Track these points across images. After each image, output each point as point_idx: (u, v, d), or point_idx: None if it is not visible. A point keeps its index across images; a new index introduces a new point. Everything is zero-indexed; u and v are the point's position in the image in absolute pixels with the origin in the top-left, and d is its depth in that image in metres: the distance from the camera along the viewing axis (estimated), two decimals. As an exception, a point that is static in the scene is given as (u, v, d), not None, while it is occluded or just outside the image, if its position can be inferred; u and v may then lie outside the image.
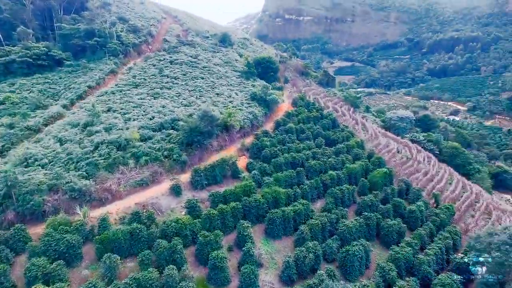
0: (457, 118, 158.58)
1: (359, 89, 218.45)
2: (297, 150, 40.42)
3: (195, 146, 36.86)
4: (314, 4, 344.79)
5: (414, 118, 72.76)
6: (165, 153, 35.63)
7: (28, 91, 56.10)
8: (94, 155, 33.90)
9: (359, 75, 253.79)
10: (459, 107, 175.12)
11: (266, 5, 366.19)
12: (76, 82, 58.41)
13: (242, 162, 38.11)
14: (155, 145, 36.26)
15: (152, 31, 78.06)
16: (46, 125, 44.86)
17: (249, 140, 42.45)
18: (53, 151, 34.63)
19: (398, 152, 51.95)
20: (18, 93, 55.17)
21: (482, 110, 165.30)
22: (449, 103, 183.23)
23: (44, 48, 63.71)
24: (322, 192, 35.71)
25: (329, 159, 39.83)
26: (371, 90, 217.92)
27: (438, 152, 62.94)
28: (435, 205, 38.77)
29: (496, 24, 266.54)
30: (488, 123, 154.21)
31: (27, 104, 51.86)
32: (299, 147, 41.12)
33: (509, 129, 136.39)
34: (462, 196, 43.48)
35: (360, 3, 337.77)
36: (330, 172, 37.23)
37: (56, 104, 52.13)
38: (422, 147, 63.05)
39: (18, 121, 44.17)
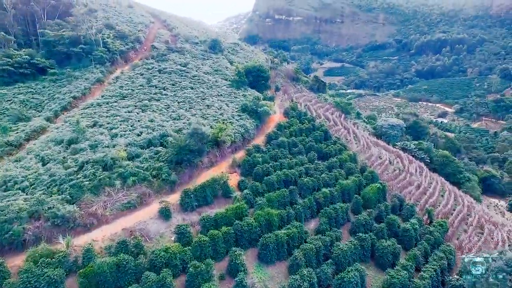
0: (445, 121, 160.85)
1: (348, 91, 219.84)
2: (290, 166, 39.59)
3: (185, 164, 35.66)
4: (303, 4, 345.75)
5: (405, 125, 73.01)
6: (154, 172, 34.33)
7: (10, 102, 53.89)
8: (78, 176, 32.35)
9: (348, 76, 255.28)
10: (447, 109, 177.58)
11: (256, 5, 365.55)
12: (60, 91, 56.33)
13: (233, 179, 37.07)
14: (143, 164, 34.91)
15: (140, 37, 76.20)
16: (28, 140, 43.03)
17: (240, 155, 41.45)
18: (35, 172, 32.94)
19: (390, 163, 51.72)
20: (-2, 103, 52.98)
21: (469, 112, 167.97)
22: (437, 105, 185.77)
23: (27, 56, 61.31)
24: (316, 211, 35.01)
25: (322, 175, 39.14)
26: (361, 91, 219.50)
27: (429, 161, 63.20)
28: (428, 221, 38.52)
29: (481, 27, 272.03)
30: (475, 125, 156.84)
31: (8, 116, 49.77)
32: (291, 162, 40.29)
33: (495, 132, 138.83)
34: (454, 210, 43.47)
35: (348, 4, 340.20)
36: (324, 189, 36.56)
37: (39, 116, 50.16)
38: (413, 156, 63.18)
39: (-2, 136, 42.17)
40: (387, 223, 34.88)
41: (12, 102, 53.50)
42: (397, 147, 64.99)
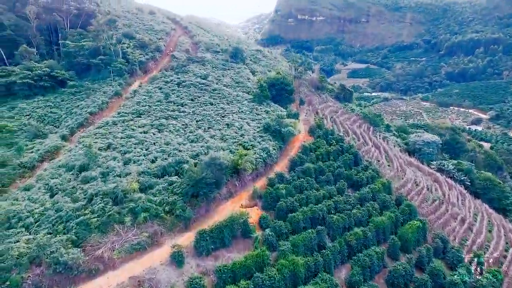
0: (479, 128, 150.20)
1: (373, 94, 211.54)
2: (317, 199, 35.51)
3: (201, 198, 32.43)
4: (327, 4, 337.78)
5: (441, 142, 66.82)
6: (167, 208, 31.31)
7: (28, 116, 53.15)
8: (86, 211, 29.84)
9: (373, 78, 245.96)
10: (481, 115, 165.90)
11: (279, 5, 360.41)
12: (78, 106, 55.13)
13: (254, 214, 33.48)
14: (156, 198, 31.97)
15: (161, 46, 74.07)
16: (42, 161, 41.57)
17: (261, 184, 37.83)
18: (41, 206, 30.77)
19: (428, 189, 46.49)
20: (17, 119, 52.35)
21: (506, 119, 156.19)
22: (470, 110, 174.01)
23: (46, 68, 60.61)
24: (347, 255, 30.85)
25: (353, 211, 34.84)
26: (387, 95, 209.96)
27: (469, 183, 57.01)
28: (478, 270, 33.38)
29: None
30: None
31: (25, 132, 48.84)
32: (319, 195, 36.15)
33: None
34: (507, 251, 37.92)
35: (374, 3, 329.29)
36: (356, 229, 32.33)
37: (55, 133, 48.97)
38: (451, 177, 57.33)
39: (11, 158, 40.82)
40: (430, 272, 30.23)
41: (30, 117, 52.77)
42: (433, 167, 59.22)
